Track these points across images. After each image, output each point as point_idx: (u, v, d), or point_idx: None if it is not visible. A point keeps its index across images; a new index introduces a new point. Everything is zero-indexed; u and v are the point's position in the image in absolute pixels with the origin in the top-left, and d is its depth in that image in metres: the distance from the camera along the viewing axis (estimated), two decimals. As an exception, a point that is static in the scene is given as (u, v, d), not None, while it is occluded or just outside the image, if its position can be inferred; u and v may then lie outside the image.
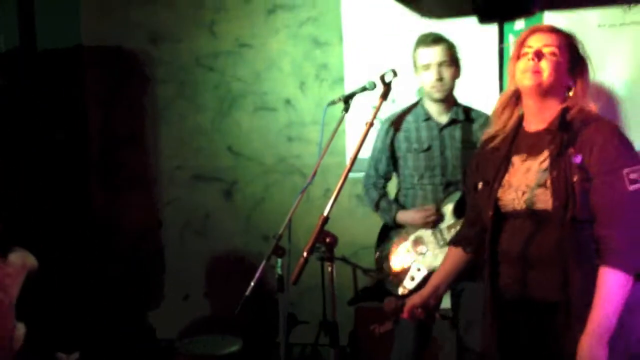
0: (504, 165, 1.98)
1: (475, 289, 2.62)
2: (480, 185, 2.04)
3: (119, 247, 4.18)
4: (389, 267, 2.79)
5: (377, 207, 2.88)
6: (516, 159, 1.96)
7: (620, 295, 1.75)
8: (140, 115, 4.17)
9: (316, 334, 3.37)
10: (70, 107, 4.05)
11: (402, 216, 2.77)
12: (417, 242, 2.75)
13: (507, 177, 1.97)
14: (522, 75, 1.91)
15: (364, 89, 2.49)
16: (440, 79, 2.67)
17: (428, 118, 2.77)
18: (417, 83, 2.84)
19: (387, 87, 2.42)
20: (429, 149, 2.75)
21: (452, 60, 2.72)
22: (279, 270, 2.24)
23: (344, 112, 2.43)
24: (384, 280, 2.82)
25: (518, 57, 1.94)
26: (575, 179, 1.79)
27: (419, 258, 2.72)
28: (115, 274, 4.13)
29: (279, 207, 3.90)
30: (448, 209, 2.69)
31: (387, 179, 2.93)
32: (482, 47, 3.49)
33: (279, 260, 2.22)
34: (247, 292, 2.10)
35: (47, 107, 3.89)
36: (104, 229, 4.16)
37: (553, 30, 1.93)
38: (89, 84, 4.15)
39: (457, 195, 2.69)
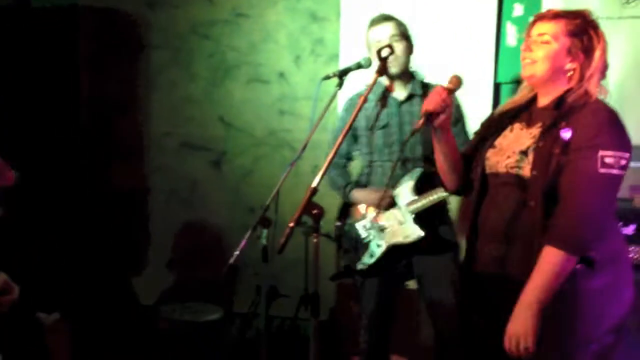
0: (502, 128, 2.01)
1: (437, 265, 2.66)
2: (482, 141, 2.08)
3: (105, 211, 4.17)
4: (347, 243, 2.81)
5: (334, 184, 2.88)
6: (516, 126, 1.99)
7: (555, 272, 1.76)
8: (132, 81, 4.14)
9: (296, 307, 3.40)
10: (63, 67, 4.00)
11: (357, 194, 2.79)
12: (377, 218, 2.74)
13: (500, 139, 2.01)
14: (522, 67, 1.95)
15: (359, 65, 2.49)
16: (393, 53, 2.61)
17: (386, 95, 2.71)
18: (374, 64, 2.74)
19: (384, 63, 2.42)
20: (387, 125, 2.73)
21: (403, 36, 2.71)
22: (264, 241, 2.26)
23: (337, 88, 2.42)
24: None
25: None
26: (556, 151, 1.80)
27: (378, 234, 2.72)
28: (100, 238, 4.13)
29: (267, 180, 3.89)
30: (408, 185, 2.68)
31: (349, 159, 2.92)
32: (481, 25, 3.49)
33: (265, 230, 2.23)
34: (232, 260, 2.11)
35: (39, 67, 3.84)
36: (91, 192, 4.14)
37: (553, 17, 1.93)
38: (83, 45, 4.10)
39: (416, 172, 2.68)
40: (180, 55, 4.05)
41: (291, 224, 1.88)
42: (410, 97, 2.73)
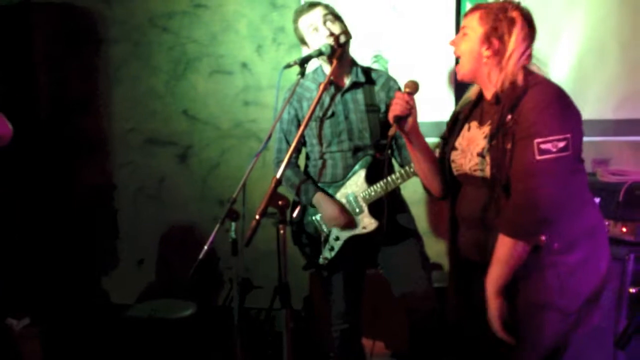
0: (459, 128, 2.05)
1: (401, 254, 2.66)
2: (446, 144, 2.12)
3: (72, 210, 4.10)
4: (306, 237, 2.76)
5: (287, 181, 2.72)
6: (472, 124, 2.02)
7: (505, 258, 1.84)
8: (92, 77, 4.06)
9: (271, 298, 3.40)
10: (18, 67, 3.90)
11: (321, 201, 2.64)
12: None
13: (460, 140, 2.04)
14: None
15: (319, 52, 2.47)
16: (331, 35, 2.52)
17: (329, 83, 2.54)
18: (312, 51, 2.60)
19: (342, 48, 2.40)
20: (333, 114, 2.65)
21: (335, 16, 2.58)
22: (232, 234, 2.24)
23: (299, 76, 2.40)
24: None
25: None
26: (508, 146, 1.83)
27: (335, 227, 2.66)
28: (69, 238, 4.06)
29: (234, 172, 3.88)
30: (360, 175, 2.63)
31: (298, 151, 2.79)
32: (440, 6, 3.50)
33: (233, 224, 2.21)
34: (201, 256, 2.09)
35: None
36: (57, 191, 4.07)
37: (473, 9, 1.96)
38: (38, 43, 4.00)
39: (366, 160, 2.63)
40: (140, 49, 3.98)
41: (257, 216, 1.86)
42: (353, 86, 2.64)
